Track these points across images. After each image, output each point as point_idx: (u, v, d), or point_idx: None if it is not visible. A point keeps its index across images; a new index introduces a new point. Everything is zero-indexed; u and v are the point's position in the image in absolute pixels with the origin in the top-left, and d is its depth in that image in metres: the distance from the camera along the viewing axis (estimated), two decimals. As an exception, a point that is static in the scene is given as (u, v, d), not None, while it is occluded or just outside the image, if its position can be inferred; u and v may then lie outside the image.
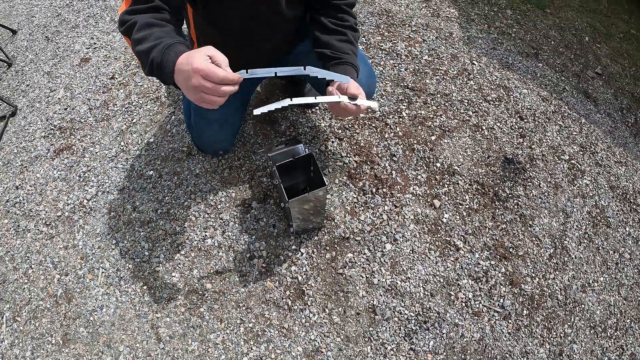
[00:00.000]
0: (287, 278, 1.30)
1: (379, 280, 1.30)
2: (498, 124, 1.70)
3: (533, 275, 1.34)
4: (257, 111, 0.79)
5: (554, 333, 1.27)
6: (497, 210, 1.49)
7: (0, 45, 2.06)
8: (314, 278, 1.30)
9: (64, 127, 1.70)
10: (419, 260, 1.35)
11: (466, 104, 1.71)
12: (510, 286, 1.31)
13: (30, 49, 2.09)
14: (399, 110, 1.65)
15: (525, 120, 1.76)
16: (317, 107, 1.66)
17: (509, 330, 1.25)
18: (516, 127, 1.72)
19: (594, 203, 1.54)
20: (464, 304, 1.28)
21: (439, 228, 1.41)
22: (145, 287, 1.31)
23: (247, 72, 0.74)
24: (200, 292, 1.29)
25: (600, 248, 1.44)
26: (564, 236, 1.44)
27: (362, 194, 1.44)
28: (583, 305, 1.32)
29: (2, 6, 2.33)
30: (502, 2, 2.31)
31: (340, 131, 1.59)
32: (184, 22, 1.13)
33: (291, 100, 0.81)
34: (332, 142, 1.56)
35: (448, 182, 1.50)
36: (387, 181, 1.47)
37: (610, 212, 1.53)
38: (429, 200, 1.46)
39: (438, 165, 1.53)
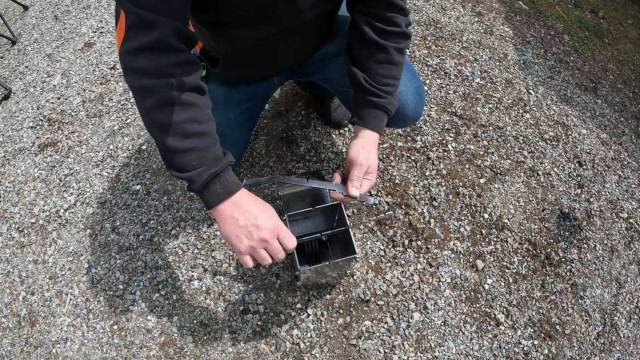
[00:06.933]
0: (287, 343, 0.98)
1: (399, 357, 0.98)
2: (555, 170, 1.36)
3: (577, 358, 1.10)
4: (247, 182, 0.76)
5: None
6: (548, 277, 1.17)
7: (8, 22, 1.81)
8: (320, 347, 0.98)
9: (53, 119, 1.42)
10: (450, 336, 1.03)
11: (521, 142, 1.36)
12: (551, 372, 1.05)
13: (37, 28, 1.85)
14: (444, 141, 1.31)
15: (585, 167, 1.42)
16: (345, 129, 1.33)
17: None
18: (574, 174, 1.38)
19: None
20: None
21: (479, 296, 1.08)
22: (115, 327, 1.04)
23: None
24: (179, 345, 0.99)
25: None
26: (615, 311, 1.19)
27: (391, 246, 1.10)
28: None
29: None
30: (559, 26, 2.01)
31: (370, 161, 1.25)
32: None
33: (283, 178, 0.79)
34: (360, 174, 1.22)
35: (495, 239, 1.16)
36: (423, 232, 1.13)
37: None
38: (471, 260, 1.12)
39: (485, 216, 1.18)
